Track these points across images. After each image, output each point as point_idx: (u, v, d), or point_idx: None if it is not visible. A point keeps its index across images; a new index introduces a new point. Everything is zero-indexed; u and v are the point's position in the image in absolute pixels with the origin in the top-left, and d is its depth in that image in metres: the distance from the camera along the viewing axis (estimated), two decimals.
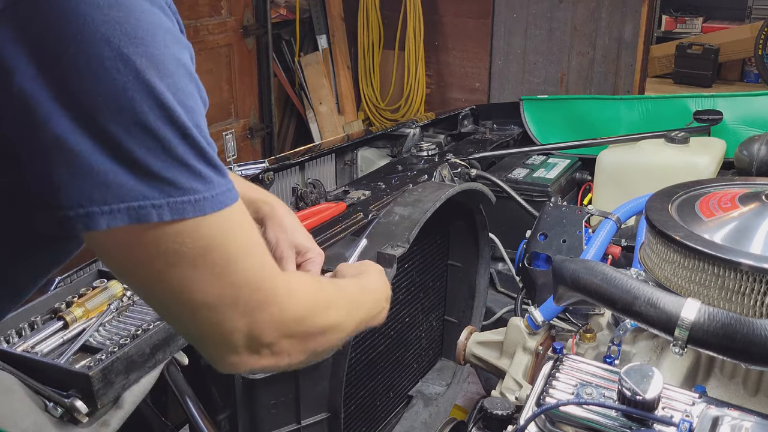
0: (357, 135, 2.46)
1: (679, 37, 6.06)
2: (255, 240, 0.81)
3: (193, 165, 0.72)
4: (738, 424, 0.97)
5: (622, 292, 1.13)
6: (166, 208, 0.70)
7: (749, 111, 2.42)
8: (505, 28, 4.88)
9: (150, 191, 0.70)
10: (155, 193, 0.70)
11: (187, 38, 0.79)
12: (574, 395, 1.03)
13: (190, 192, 0.72)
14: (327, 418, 1.51)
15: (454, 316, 2.19)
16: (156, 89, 0.69)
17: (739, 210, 1.23)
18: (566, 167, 2.41)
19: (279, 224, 1.32)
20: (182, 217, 0.71)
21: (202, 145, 0.73)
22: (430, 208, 1.63)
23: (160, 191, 0.70)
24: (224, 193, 0.75)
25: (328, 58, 5.22)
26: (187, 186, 0.71)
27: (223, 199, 0.75)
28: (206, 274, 0.75)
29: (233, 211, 0.76)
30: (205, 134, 0.74)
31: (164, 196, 0.70)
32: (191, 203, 0.72)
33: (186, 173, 0.71)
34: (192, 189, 0.72)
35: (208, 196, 0.73)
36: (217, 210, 0.74)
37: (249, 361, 0.82)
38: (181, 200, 0.71)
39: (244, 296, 0.77)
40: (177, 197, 0.71)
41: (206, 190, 0.73)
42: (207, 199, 0.73)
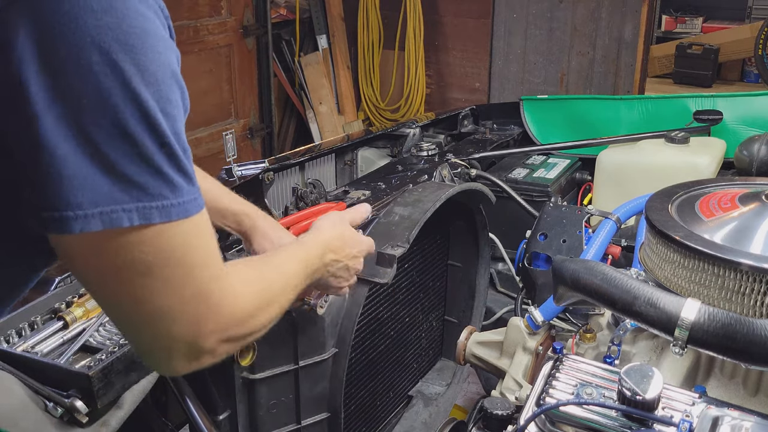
0: (357, 135, 2.46)
1: (679, 37, 6.06)
2: (212, 250, 0.82)
3: (166, 172, 0.72)
4: (738, 424, 0.97)
5: (622, 292, 1.13)
6: (135, 213, 0.71)
7: (749, 111, 2.42)
8: (505, 28, 4.88)
9: (122, 195, 0.70)
10: (126, 198, 0.70)
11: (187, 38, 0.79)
12: (574, 395, 1.03)
13: (158, 198, 0.72)
14: (327, 418, 1.51)
15: (454, 316, 2.19)
16: (140, 97, 0.69)
17: (739, 210, 1.23)
18: (566, 167, 2.41)
19: (263, 235, 1.35)
20: (149, 222, 0.72)
21: (178, 154, 0.73)
22: (430, 208, 1.63)
23: (131, 196, 0.71)
24: (191, 201, 0.76)
25: (328, 58, 5.22)
26: (156, 192, 0.72)
27: (189, 208, 0.75)
28: (164, 284, 0.76)
29: (197, 221, 0.77)
30: (182, 141, 0.75)
31: (134, 200, 0.71)
32: (158, 209, 0.72)
33: (158, 180, 0.72)
34: (160, 195, 0.72)
35: (176, 203, 0.74)
36: (182, 218, 0.75)
37: (190, 365, 0.84)
38: (149, 206, 0.72)
39: (193, 307, 0.79)
40: (146, 202, 0.72)
41: (174, 197, 0.74)
42: (174, 206, 0.74)
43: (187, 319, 0.79)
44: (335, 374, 1.46)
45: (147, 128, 0.70)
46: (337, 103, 5.27)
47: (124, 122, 0.69)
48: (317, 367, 1.46)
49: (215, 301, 0.81)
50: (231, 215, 1.34)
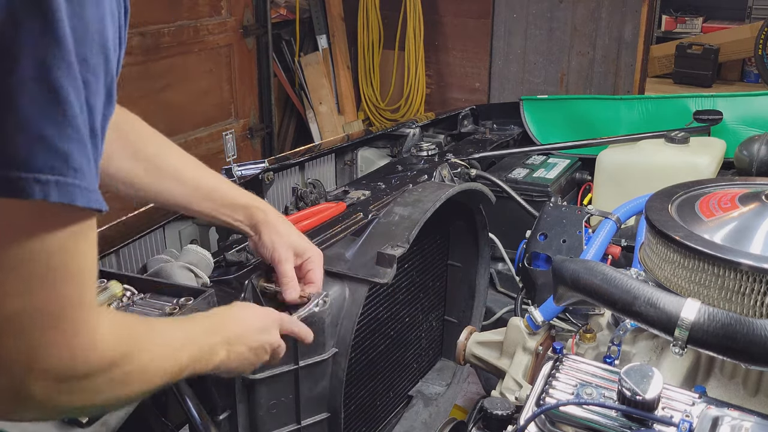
0: (357, 135, 2.45)
1: (679, 37, 6.07)
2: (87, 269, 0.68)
3: (85, 143, 0.61)
4: (738, 424, 0.97)
5: (622, 292, 1.13)
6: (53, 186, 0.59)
7: (749, 111, 2.42)
8: (505, 28, 4.88)
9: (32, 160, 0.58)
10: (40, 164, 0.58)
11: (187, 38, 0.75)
12: (574, 395, 1.03)
13: (72, 174, 0.60)
14: (327, 418, 1.51)
15: (454, 316, 2.19)
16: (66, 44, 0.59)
17: (739, 210, 1.23)
18: (566, 167, 2.41)
19: (273, 229, 1.33)
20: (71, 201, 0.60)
21: (91, 125, 0.62)
22: (430, 208, 1.63)
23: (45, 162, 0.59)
24: (92, 193, 0.63)
25: (328, 58, 5.22)
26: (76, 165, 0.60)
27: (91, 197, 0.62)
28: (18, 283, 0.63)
29: (86, 220, 0.65)
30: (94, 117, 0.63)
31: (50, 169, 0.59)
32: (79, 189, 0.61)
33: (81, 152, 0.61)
34: (74, 169, 0.60)
35: (81, 185, 0.61)
36: (85, 205, 0.62)
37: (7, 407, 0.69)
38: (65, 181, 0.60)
39: (38, 326, 0.65)
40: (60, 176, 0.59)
41: (79, 178, 0.61)
42: (79, 188, 0.61)
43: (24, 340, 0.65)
44: (335, 374, 1.46)
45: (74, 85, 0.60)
46: (337, 103, 5.27)
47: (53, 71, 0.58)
48: (317, 367, 1.46)
49: (69, 329, 0.67)
50: (242, 209, 1.32)
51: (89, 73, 0.61)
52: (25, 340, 0.65)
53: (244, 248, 1.54)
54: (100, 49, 0.62)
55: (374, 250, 1.50)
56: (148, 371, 0.84)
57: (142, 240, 1.58)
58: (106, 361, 0.74)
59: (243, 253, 1.52)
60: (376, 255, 1.49)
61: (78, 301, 0.68)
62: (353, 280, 1.49)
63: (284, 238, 1.33)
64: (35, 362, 0.66)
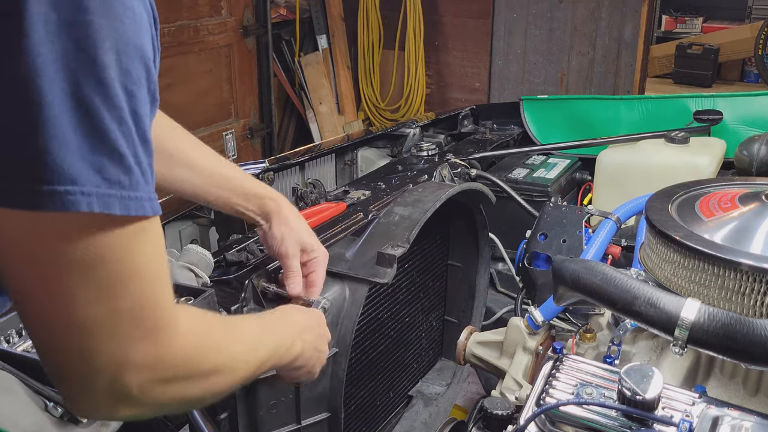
0: (357, 135, 2.46)
1: (679, 37, 6.07)
2: (159, 267, 0.72)
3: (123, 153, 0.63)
4: (738, 424, 0.97)
5: (622, 292, 1.13)
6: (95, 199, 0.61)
7: (749, 111, 2.42)
8: (505, 28, 4.88)
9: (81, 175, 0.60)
10: (85, 178, 0.61)
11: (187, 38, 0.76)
12: (574, 395, 1.03)
13: (116, 186, 0.63)
14: (327, 418, 1.50)
15: (454, 316, 2.19)
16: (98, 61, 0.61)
17: (739, 210, 1.23)
18: (566, 167, 2.41)
19: (285, 221, 1.32)
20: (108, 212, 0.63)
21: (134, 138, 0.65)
22: (430, 208, 1.63)
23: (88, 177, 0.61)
24: (148, 200, 0.66)
25: (328, 58, 5.22)
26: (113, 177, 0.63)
27: (146, 206, 0.66)
28: (91, 290, 0.66)
29: (151, 226, 0.68)
30: (143, 128, 0.66)
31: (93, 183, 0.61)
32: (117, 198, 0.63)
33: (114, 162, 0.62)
34: (119, 183, 0.63)
35: (133, 196, 0.64)
36: (134, 213, 0.65)
37: (108, 407, 0.72)
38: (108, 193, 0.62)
39: (125, 326, 0.69)
40: (104, 188, 0.62)
41: (129, 188, 0.64)
42: (131, 198, 0.64)
43: (114, 340, 0.68)
44: (335, 374, 1.46)
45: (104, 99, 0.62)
46: (337, 103, 5.27)
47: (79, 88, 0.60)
48: None
49: (152, 326, 0.71)
50: (254, 198, 1.31)
51: (134, 84, 0.65)
52: (113, 341, 0.68)
53: (244, 248, 1.54)
54: (140, 60, 0.66)
55: (374, 250, 1.50)
56: (234, 363, 0.88)
57: None
58: (190, 353, 0.77)
59: (243, 253, 1.52)
60: (377, 255, 1.49)
61: (155, 298, 0.71)
62: (353, 280, 1.49)
63: (294, 232, 1.32)
64: (125, 360, 0.70)
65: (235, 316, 1.12)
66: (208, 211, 1.77)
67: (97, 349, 0.69)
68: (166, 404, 0.79)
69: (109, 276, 0.66)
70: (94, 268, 0.65)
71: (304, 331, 1.15)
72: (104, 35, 0.62)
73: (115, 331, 0.68)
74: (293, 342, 1.10)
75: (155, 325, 0.71)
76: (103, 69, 0.62)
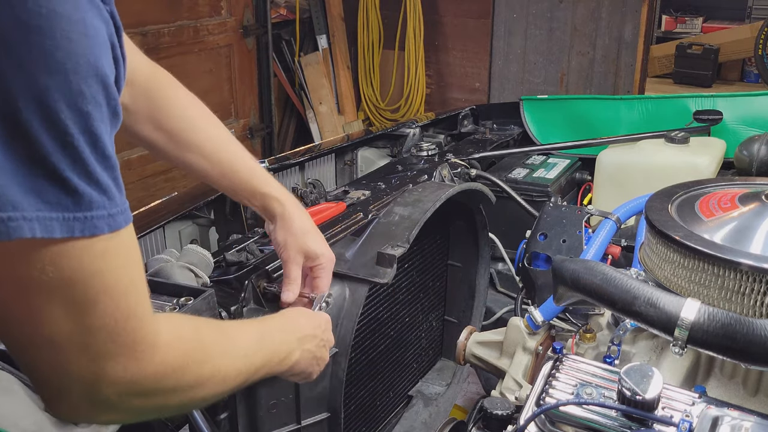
0: (357, 135, 2.46)
1: (679, 37, 6.07)
2: (131, 281, 0.71)
3: (67, 177, 0.62)
4: (738, 424, 0.97)
5: (622, 292, 1.13)
6: (36, 223, 0.61)
7: (749, 111, 2.42)
8: (505, 28, 4.88)
9: (21, 201, 0.60)
10: (25, 204, 0.60)
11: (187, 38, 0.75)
12: (574, 395, 1.03)
13: (58, 207, 0.62)
14: (327, 418, 1.50)
15: (454, 316, 2.19)
16: (38, 85, 0.59)
17: (739, 210, 1.23)
18: (566, 167, 2.41)
19: (289, 226, 1.28)
20: (50, 236, 0.62)
21: (87, 158, 0.63)
22: (430, 208, 1.63)
23: (29, 202, 0.61)
24: (103, 217, 0.65)
25: (328, 58, 5.22)
26: (55, 200, 0.62)
27: (99, 224, 0.65)
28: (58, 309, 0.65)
29: (113, 242, 0.67)
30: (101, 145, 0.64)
31: (34, 208, 0.61)
32: (59, 221, 0.62)
33: (55, 186, 0.62)
34: (61, 204, 0.62)
35: (80, 216, 0.63)
36: (88, 234, 0.64)
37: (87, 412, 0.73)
38: (50, 216, 0.61)
39: (95, 344, 0.68)
40: (45, 212, 0.61)
41: (78, 209, 0.63)
42: (78, 219, 0.63)
43: (87, 355, 0.68)
44: (335, 374, 1.46)
45: (44, 122, 0.60)
46: (337, 103, 5.27)
47: (18, 113, 0.59)
48: None
49: (128, 341, 0.70)
50: (259, 196, 1.27)
51: (88, 104, 0.62)
52: (88, 355, 0.68)
53: (244, 248, 1.54)
54: (95, 77, 0.63)
55: (374, 250, 1.50)
56: (221, 373, 0.86)
57: (142, 240, 1.58)
58: (171, 366, 0.76)
59: (243, 253, 1.52)
60: (376, 255, 1.49)
61: (129, 313, 0.70)
62: (353, 280, 1.49)
63: (298, 240, 1.28)
64: (101, 373, 0.70)
65: (234, 321, 1.10)
66: (208, 211, 1.77)
67: (69, 364, 0.69)
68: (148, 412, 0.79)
69: (76, 295, 0.66)
70: (60, 288, 0.65)
71: (304, 339, 1.14)
72: (47, 55, 0.59)
73: (88, 347, 0.68)
74: (290, 351, 1.09)
75: (132, 339, 0.71)
76: (44, 91, 0.60)
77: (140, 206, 1.75)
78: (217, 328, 0.94)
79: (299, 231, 1.29)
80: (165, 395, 0.78)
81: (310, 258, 1.31)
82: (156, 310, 1.13)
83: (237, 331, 0.98)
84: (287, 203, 1.29)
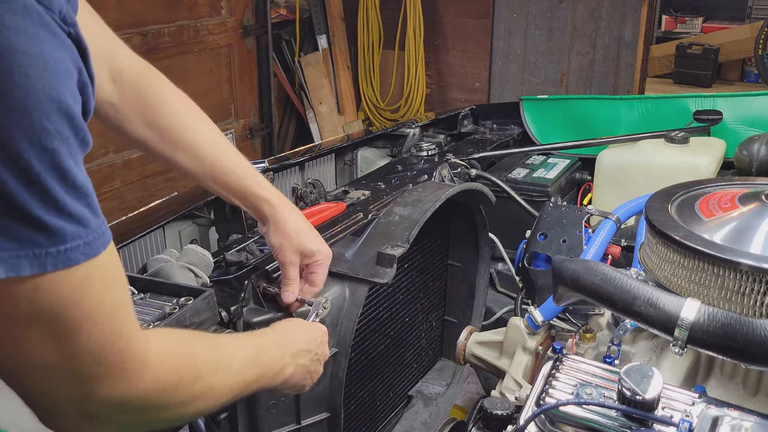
0: (357, 135, 2.46)
1: (679, 37, 6.07)
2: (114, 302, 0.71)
3: (36, 216, 0.61)
4: (738, 424, 0.97)
5: (621, 292, 1.13)
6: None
7: (749, 111, 2.42)
8: (505, 28, 4.88)
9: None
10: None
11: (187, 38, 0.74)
12: (574, 395, 1.03)
13: (28, 245, 0.61)
14: (327, 418, 1.51)
15: (454, 316, 2.19)
16: None
17: (739, 210, 1.23)
18: (566, 167, 2.41)
19: (282, 229, 1.28)
20: (17, 274, 0.61)
21: (55, 193, 0.62)
22: (430, 208, 1.63)
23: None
24: (77, 247, 0.64)
25: (328, 58, 5.22)
26: (23, 239, 0.61)
27: (73, 256, 0.64)
28: (40, 340, 0.66)
29: (90, 269, 0.66)
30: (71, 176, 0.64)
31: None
32: (28, 258, 0.62)
33: (24, 225, 0.61)
34: (29, 242, 0.62)
35: (53, 251, 0.63)
36: (63, 266, 0.64)
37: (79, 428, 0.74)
38: (17, 254, 0.61)
39: (82, 369, 0.69)
40: (12, 251, 0.61)
41: (51, 244, 0.63)
42: (51, 254, 0.63)
43: (75, 378, 0.69)
44: (335, 374, 1.46)
45: (7, 163, 0.59)
46: (337, 103, 5.27)
47: None
48: None
49: (116, 361, 0.71)
50: (251, 198, 1.27)
51: (53, 140, 0.61)
52: (76, 378, 0.69)
53: (244, 248, 1.54)
54: (59, 111, 0.62)
55: (374, 250, 1.50)
56: (213, 389, 0.87)
57: (142, 240, 1.58)
58: (162, 383, 0.77)
59: (243, 253, 1.52)
60: (376, 255, 1.49)
61: (115, 335, 0.70)
62: (353, 280, 1.49)
63: (293, 241, 1.28)
64: (91, 393, 0.71)
65: (228, 336, 1.09)
66: (208, 211, 1.77)
67: (58, 387, 0.69)
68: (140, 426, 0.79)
69: (58, 326, 0.66)
70: (40, 321, 0.65)
71: (299, 354, 1.13)
72: (6, 94, 0.58)
73: (75, 371, 0.69)
74: (284, 366, 1.09)
75: (120, 359, 0.71)
76: (5, 131, 0.58)
77: (140, 206, 1.75)
78: (209, 344, 0.93)
79: (293, 232, 1.28)
80: (156, 411, 0.78)
81: (307, 256, 1.32)
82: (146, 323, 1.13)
83: (230, 346, 0.97)
84: (278, 205, 1.28)
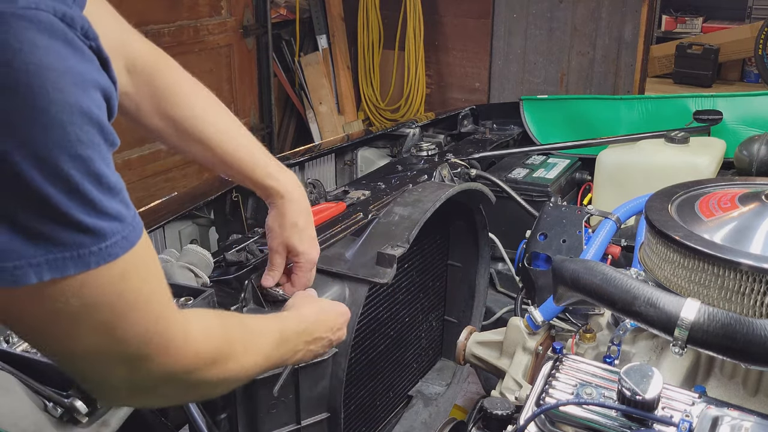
0: (357, 135, 2.46)
1: (679, 37, 6.07)
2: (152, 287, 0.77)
3: (80, 220, 0.66)
4: (738, 424, 0.97)
5: (621, 292, 1.13)
6: (45, 267, 0.65)
7: (749, 111, 2.42)
8: (505, 28, 4.88)
9: (28, 249, 0.64)
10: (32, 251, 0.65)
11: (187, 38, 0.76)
12: (574, 395, 1.03)
13: (72, 247, 0.66)
14: (327, 418, 1.51)
15: (454, 316, 2.19)
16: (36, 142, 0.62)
17: (739, 210, 1.23)
18: (566, 167, 2.41)
19: (280, 219, 1.31)
20: (63, 275, 0.66)
21: (94, 197, 0.67)
22: (430, 208, 1.63)
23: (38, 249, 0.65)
24: (117, 242, 0.70)
25: (328, 58, 5.22)
26: (69, 242, 0.66)
27: (113, 251, 0.69)
28: (90, 329, 0.72)
29: (129, 261, 0.71)
30: (105, 179, 0.68)
31: (42, 253, 0.65)
32: (73, 259, 0.66)
33: (69, 229, 0.66)
34: (75, 244, 0.66)
35: (95, 250, 0.68)
36: (105, 262, 0.69)
37: (131, 398, 0.81)
38: (62, 256, 0.66)
39: (131, 350, 0.75)
40: (57, 254, 0.66)
41: (94, 243, 0.68)
42: (93, 253, 0.68)
43: (124, 359, 0.75)
44: (335, 374, 1.46)
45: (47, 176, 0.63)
46: (337, 103, 5.27)
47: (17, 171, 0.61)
48: (317, 367, 1.46)
49: (162, 341, 0.77)
50: (261, 188, 1.30)
51: (87, 149, 0.65)
52: (125, 359, 0.76)
53: (244, 248, 1.54)
54: (89, 122, 0.66)
55: (374, 250, 1.50)
56: (245, 367, 0.94)
57: None
58: (203, 360, 0.83)
59: (243, 253, 1.52)
60: (376, 255, 1.49)
61: (157, 316, 0.77)
62: (353, 280, 1.49)
63: (284, 233, 1.31)
64: (140, 370, 0.77)
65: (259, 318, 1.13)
66: (208, 211, 1.77)
67: (108, 369, 0.76)
68: (178, 398, 0.88)
69: (104, 317, 0.72)
70: (88, 314, 0.71)
71: (313, 342, 1.18)
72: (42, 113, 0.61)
73: (124, 353, 0.75)
74: (296, 352, 1.14)
75: (165, 338, 0.78)
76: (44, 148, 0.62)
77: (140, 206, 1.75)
78: (241, 324, 0.99)
79: (288, 225, 1.31)
80: (195, 384, 0.85)
81: (292, 253, 1.34)
82: None
83: (259, 328, 1.04)
84: (288, 195, 1.30)
